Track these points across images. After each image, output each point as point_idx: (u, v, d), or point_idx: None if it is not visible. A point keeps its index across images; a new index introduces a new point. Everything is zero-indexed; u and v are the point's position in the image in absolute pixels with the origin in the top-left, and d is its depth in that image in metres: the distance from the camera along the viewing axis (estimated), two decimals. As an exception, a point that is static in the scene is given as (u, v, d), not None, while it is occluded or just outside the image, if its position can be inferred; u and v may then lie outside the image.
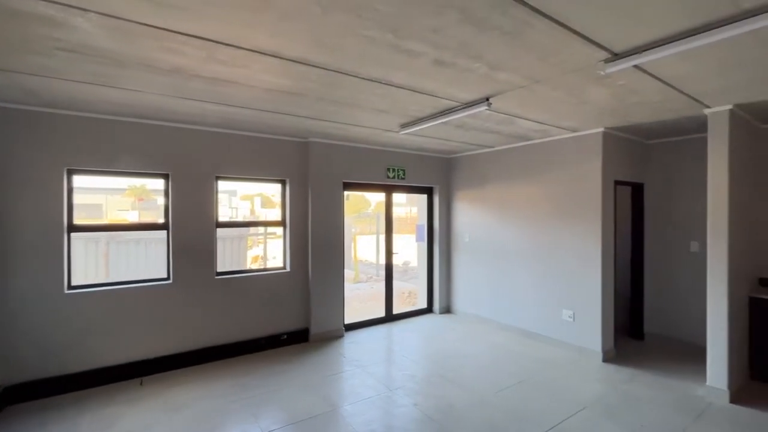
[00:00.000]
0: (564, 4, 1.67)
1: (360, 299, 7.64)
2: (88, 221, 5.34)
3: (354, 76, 2.53)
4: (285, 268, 4.66)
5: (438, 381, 3.63)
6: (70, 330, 3.42)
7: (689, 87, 2.75)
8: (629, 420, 2.93)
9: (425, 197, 6.07)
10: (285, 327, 4.57)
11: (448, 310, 6.01)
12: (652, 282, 4.76)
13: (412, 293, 7.80)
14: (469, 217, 5.66)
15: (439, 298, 5.94)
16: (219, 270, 4.21)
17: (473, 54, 2.18)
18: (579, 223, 4.24)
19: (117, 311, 3.62)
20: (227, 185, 4.53)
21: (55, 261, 3.36)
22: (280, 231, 4.79)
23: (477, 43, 2.05)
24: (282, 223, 4.71)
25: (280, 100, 3.07)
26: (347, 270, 9.36)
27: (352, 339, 4.79)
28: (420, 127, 3.79)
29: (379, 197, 5.65)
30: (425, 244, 6.09)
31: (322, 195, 4.74)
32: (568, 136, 4.35)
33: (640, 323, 4.75)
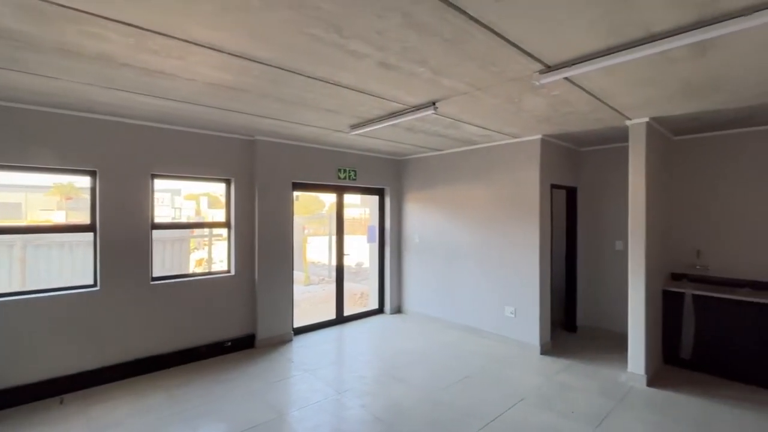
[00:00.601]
0: (500, 16, 1.76)
1: (311, 302, 7.50)
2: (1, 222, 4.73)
3: (299, 74, 2.48)
4: (229, 271, 4.45)
5: (387, 381, 3.65)
6: (-28, 346, 3.01)
7: (612, 100, 3.02)
8: (562, 407, 3.15)
9: (377, 198, 6.11)
10: (229, 333, 4.36)
11: (399, 310, 6.08)
12: (583, 278, 5.16)
13: (364, 294, 7.80)
14: (420, 219, 5.77)
15: (390, 298, 5.99)
16: (155, 275, 3.93)
17: (417, 58, 2.22)
18: (520, 224, 4.49)
19: (35, 323, 3.24)
20: (169, 184, 4.24)
21: (-47, 268, 2.94)
22: (226, 233, 4.57)
23: (420, 48, 2.09)
24: (226, 225, 4.50)
25: (221, 95, 2.93)
26: (298, 272, 9.15)
27: (301, 343, 4.69)
28: (370, 129, 3.80)
29: (333, 198, 5.58)
30: (377, 245, 6.12)
31: (269, 195, 4.60)
32: (509, 141, 4.59)
33: (573, 317, 5.12)
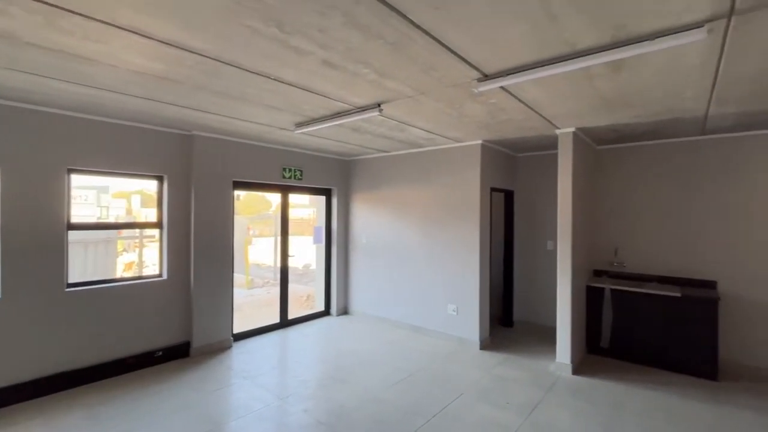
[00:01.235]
0: (440, 23, 1.81)
1: (254, 305, 7.20)
2: None
3: (238, 67, 2.37)
4: (161, 275, 4.13)
5: (331, 383, 3.61)
6: None
7: (543, 110, 3.25)
8: (498, 399, 3.32)
9: (324, 199, 6.02)
10: (160, 342, 4.04)
11: (345, 311, 6.05)
12: (519, 276, 5.50)
13: (310, 296, 7.65)
14: (367, 219, 5.79)
15: (337, 299, 5.94)
16: (72, 281, 3.54)
17: (361, 59, 2.23)
18: (462, 226, 4.67)
19: None
20: (94, 180, 3.84)
21: None
22: (158, 234, 4.23)
23: (364, 50, 2.10)
24: (158, 225, 4.17)
25: (151, 85, 2.71)
26: (239, 275, 8.75)
27: (242, 349, 4.48)
28: (315, 128, 3.74)
29: (279, 198, 5.40)
30: (324, 245, 6.04)
31: (208, 194, 4.34)
32: (453, 145, 4.76)
33: (510, 313, 5.44)
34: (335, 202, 5.97)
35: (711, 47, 2.03)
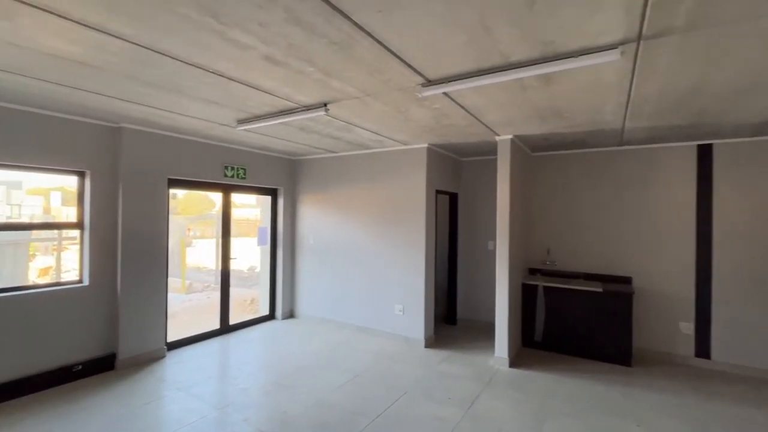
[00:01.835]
0: (383, 27, 1.84)
1: (192, 311, 6.78)
2: None
3: (172, 57, 2.22)
4: (82, 281, 3.74)
5: (274, 390, 3.50)
6: None
7: (483, 117, 3.42)
8: (441, 395, 3.43)
9: (269, 199, 5.83)
10: (80, 355, 3.66)
11: (291, 314, 5.89)
12: (463, 275, 5.73)
13: (254, 300, 7.36)
14: (314, 220, 5.70)
15: (282, 302, 5.77)
16: (-33, 289, 3.08)
17: (305, 57, 2.19)
18: (408, 227, 4.76)
19: None
20: (2, 175, 3.38)
21: None
22: (79, 235, 3.82)
23: (308, 48, 2.06)
24: (79, 225, 3.77)
25: (69, 70, 2.45)
26: (176, 279, 8.20)
27: (176, 358, 4.19)
28: (259, 125, 3.61)
29: (220, 197, 5.13)
30: (269, 247, 5.84)
31: (139, 192, 4.01)
32: (400, 148, 4.85)
33: (454, 311, 5.64)
34: (281, 202, 5.81)
35: (624, 67, 2.27)
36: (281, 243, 5.79)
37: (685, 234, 4.27)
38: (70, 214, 3.85)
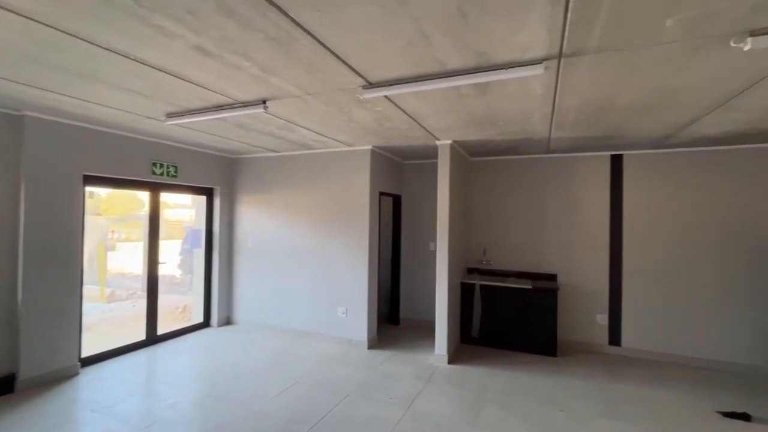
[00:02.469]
0: (323, 26, 1.81)
1: (114, 322, 6.15)
2: None
3: (86, 41, 2.00)
4: (-29, 292, 3.23)
5: (207, 402, 3.29)
6: None
7: (424, 121, 3.52)
8: (382, 396, 3.45)
9: (204, 199, 5.49)
10: (-32, 378, 3.15)
11: (228, 321, 5.59)
12: (405, 276, 5.83)
13: (188, 307, 6.86)
14: (254, 222, 5.46)
15: (219, 309, 5.45)
16: None
17: (240, 51, 2.09)
18: (352, 228, 4.75)
19: None
20: None
21: None
22: (-37, 239, 3.29)
23: (243, 41, 1.97)
24: (-33, 228, 3.25)
25: (-47, 47, 2.10)
26: (94, 287, 7.44)
27: (93, 375, 3.77)
28: (191, 120, 3.38)
29: (149, 197, 4.71)
30: (203, 250, 5.49)
31: (47, 189, 3.55)
32: (344, 149, 4.82)
33: (397, 311, 5.73)
34: (218, 202, 5.49)
35: (549, 81, 2.46)
36: (217, 245, 5.47)
37: (601, 234, 4.74)
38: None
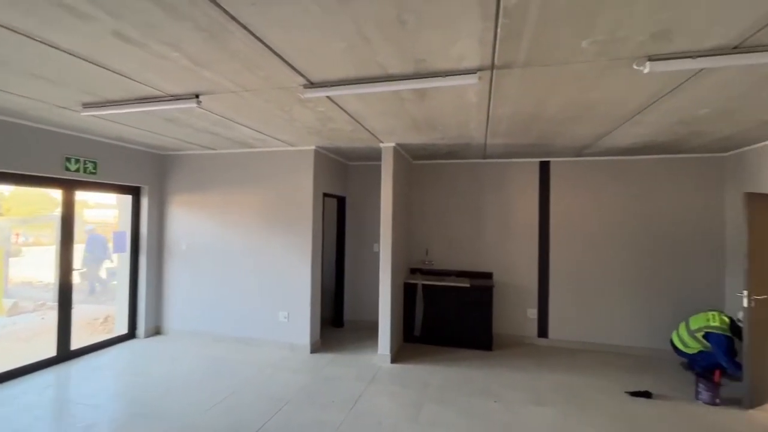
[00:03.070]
0: (259, 21, 1.74)
1: (17, 337, 5.40)
2: None
3: (-24, 15, 1.74)
4: None
5: (129, 421, 3.01)
6: None
7: (367, 124, 3.55)
8: (324, 400, 3.41)
9: (130, 198, 5.02)
10: None
11: (157, 331, 5.17)
12: (350, 277, 5.82)
13: (109, 318, 6.23)
14: (188, 223, 5.11)
15: (146, 318, 5.02)
16: None
17: (167, 40, 1.95)
18: (294, 230, 4.64)
19: None
20: None
21: None
22: None
23: (171, 30, 1.84)
24: None
25: None
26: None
27: (-13, 400, 3.27)
28: (112, 112, 3.08)
29: (72, 196, 4.18)
30: (128, 254, 5.02)
31: (-75, 186, 3.02)
32: (286, 149, 4.70)
33: (341, 313, 5.69)
34: (146, 202, 5.06)
35: (483, 90, 2.61)
36: (145, 249, 5.04)
37: (531, 235, 5.12)
38: None
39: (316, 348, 4.64)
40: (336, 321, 5.68)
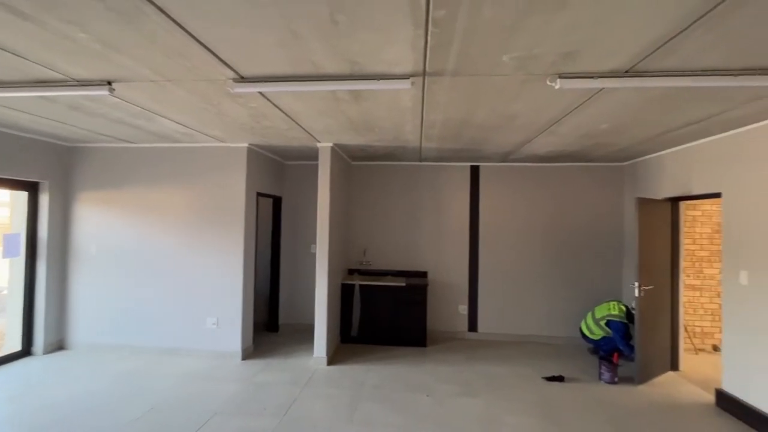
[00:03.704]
0: (179, 6, 1.63)
1: None
2: None
3: None
4: None
5: (21, 450, 2.62)
6: None
7: (303, 122, 3.48)
8: (256, 408, 3.27)
9: (26, 195, 4.38)
10: None
11: (60, 346, 4.56)
12: (285, 280, 5.65)
13: (1, 333, 5.36)
14: (100, 224, 4.59)
15: (45, 332, 4.40)
16: None
17: (72, 19, 1.74)
18: (225, 232, 4.39)
19: None
20: None
21: None
22: None
23: (75, 8, 1.65)
24: None
25: None
26: None
27: None
28: (3, 95, 2.67)
29: None
30: (23, 260, 4.37)
31: None
32: (216, 145, 4.43)
33: (276, 317, 5.51)
34: (45, 200, 4.44)
35: (416, 96, 2.70)
36: (45, 253, 4.42)
37: (462, 235, 5.40)
38: None
39: (248, 354, 4.43)
40: (270, 325, 5.48)
